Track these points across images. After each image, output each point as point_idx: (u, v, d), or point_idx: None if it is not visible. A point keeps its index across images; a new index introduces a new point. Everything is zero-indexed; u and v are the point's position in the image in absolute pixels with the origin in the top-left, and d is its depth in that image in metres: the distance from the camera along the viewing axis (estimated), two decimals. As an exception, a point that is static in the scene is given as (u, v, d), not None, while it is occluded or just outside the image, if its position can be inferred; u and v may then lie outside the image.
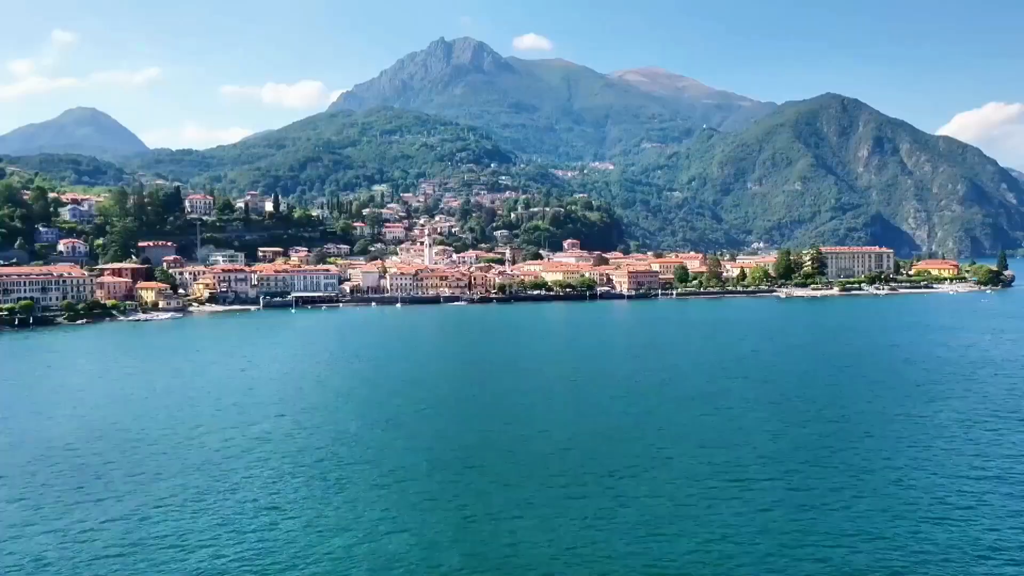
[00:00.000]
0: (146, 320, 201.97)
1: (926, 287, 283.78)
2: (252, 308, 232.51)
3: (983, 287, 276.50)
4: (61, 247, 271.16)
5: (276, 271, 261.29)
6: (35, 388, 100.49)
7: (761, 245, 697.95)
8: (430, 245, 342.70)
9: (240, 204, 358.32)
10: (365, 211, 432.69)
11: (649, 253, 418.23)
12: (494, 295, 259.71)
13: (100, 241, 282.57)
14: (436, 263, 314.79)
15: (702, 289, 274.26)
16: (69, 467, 61.66)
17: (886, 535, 45.19)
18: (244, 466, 61.53)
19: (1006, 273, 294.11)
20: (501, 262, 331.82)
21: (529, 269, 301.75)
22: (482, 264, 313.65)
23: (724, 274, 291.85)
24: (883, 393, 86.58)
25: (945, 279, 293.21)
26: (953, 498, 51.02)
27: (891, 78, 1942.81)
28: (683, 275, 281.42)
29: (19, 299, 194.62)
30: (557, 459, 61.87)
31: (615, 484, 55.32)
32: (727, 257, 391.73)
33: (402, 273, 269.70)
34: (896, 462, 59.37)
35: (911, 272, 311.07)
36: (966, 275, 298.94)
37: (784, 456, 61.65)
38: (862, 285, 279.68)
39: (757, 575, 40.84)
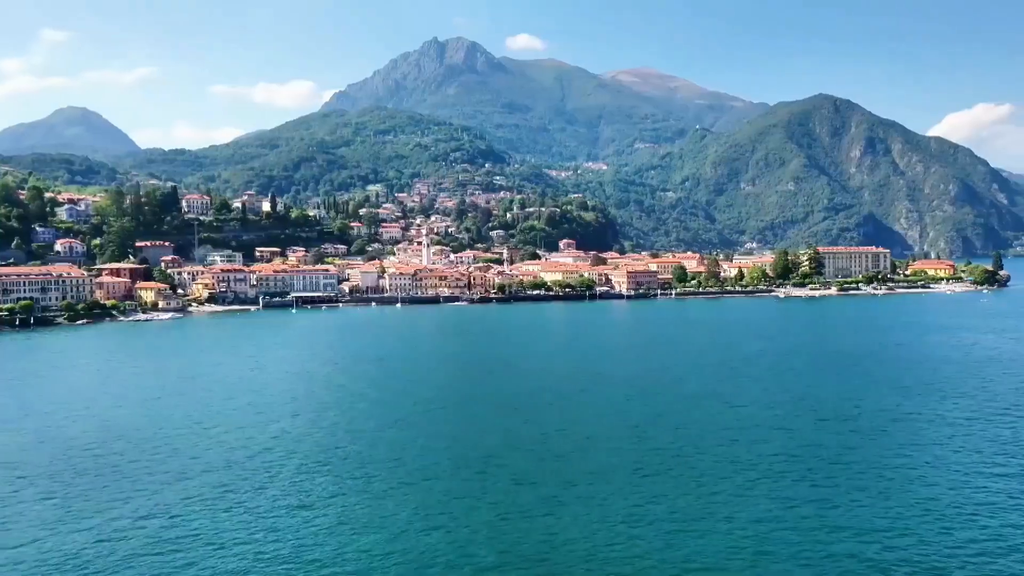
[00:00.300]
0: (146, 320, 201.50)
1: (923, 287, 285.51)
2: (252, 308, 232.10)
3: (979, 287, 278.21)
4: (58, 247, 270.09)
5: (275, 271, 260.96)
6: (45, 389, 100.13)
7: (754, 245, 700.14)
8: (428, 245, 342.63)
9: (237, 204, 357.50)
10: (362, 211, 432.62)
11: (644, 253, 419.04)
12: (494, 295, 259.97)
13: (97, 241, 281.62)
14: (434, 263, 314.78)
15: (701, 289, 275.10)
16: (93, 467, 61.63)
17: (917, 531, 45.65)
18: (268, 465, 61.67)
19: (1001, 273, 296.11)
20: (499, 262, 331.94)
21: (527, 269, 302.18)
22: (481, 264, 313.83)
23: (722, 274, 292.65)
24: (894, 391, 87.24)
25: (942, 279, 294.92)
26: (979, 495, 51.50)
27: (882, 78, 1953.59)
28: (682, 275, 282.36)
29: (19, 299, 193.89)
30: (580, 458, 62.19)
31: (641, 482, 55.68)
32: (722, 257, 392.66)
33: (401, 273, 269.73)
34: (918, 459, 59.93)
35: (907, 272, 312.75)
36: (962, 275, 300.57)
37: (805, 453, 62.11)
38: (859, 285, 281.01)
39: (794, 570, 41.15)
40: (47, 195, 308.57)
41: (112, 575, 41.63)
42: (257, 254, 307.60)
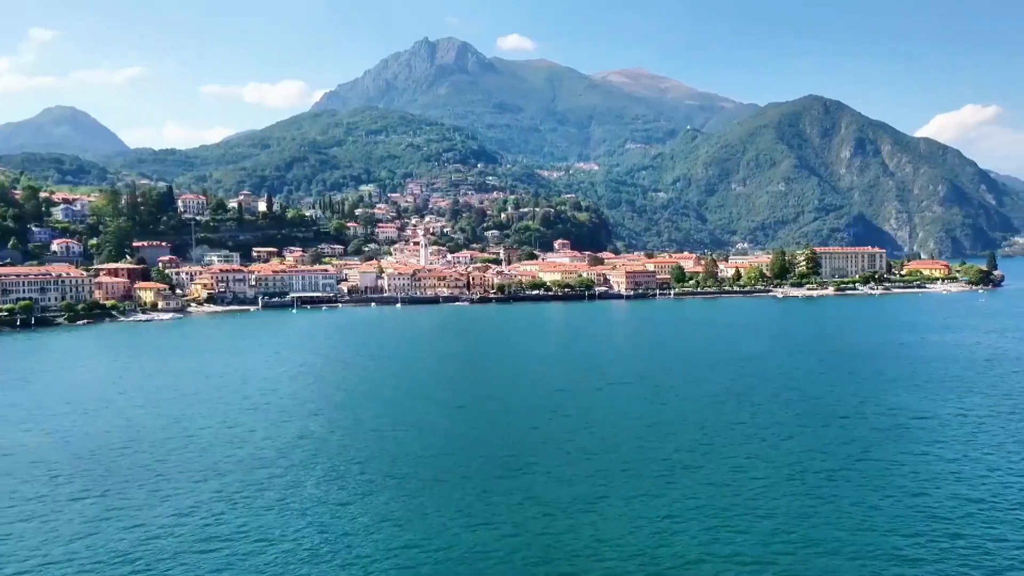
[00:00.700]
0: (147, 321, 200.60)
1: (918, 287, 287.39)
2: (251, 309, 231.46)
3: (974, 287, 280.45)
4: (55, 247, 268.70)
5: (274, 271, 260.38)
6: (59, 389, 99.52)
7: (746, 245, 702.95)
8: (426, 245, 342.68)
9: (233, 204, 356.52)
10: (358, 211, 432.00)
11: (639, 253, 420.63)
12: (493, 295, 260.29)
13: (94, 241, 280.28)
14: (431, 263, 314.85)
15: (699, 289, 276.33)
16: (124, 465, 61.63)
17: (959, 526, 46.18)
18: (298, 462, 61.88)
19: (996, 273, 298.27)
20: (497, 262, 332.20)
21: (525, 269, 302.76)
22: (479, 264, 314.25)
23: (719, 274, 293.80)
24: (909, 390, 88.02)
25: (937, 279, 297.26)
26: (1011, 491, 52.06)
27: (871, 79, 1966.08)
28: (680, 275, 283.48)
29: (18, 299, 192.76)
30: (610, 456, 62.44)
31: (675, 479, 56.08)
32: (718, 256, 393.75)
33: (400, 273, 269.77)
34: (946, 456, 60.59)
35: (903, 272, 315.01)
36: (957, 275, 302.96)
37: (833, 451, 62.68)
38: (856, 285, 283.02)
39: (842, 564, 41.53)
40: (42, 195, 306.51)
41: (168, 571, 41.70)
42: (254, 254, 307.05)
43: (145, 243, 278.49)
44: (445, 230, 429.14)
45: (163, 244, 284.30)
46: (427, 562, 42.52)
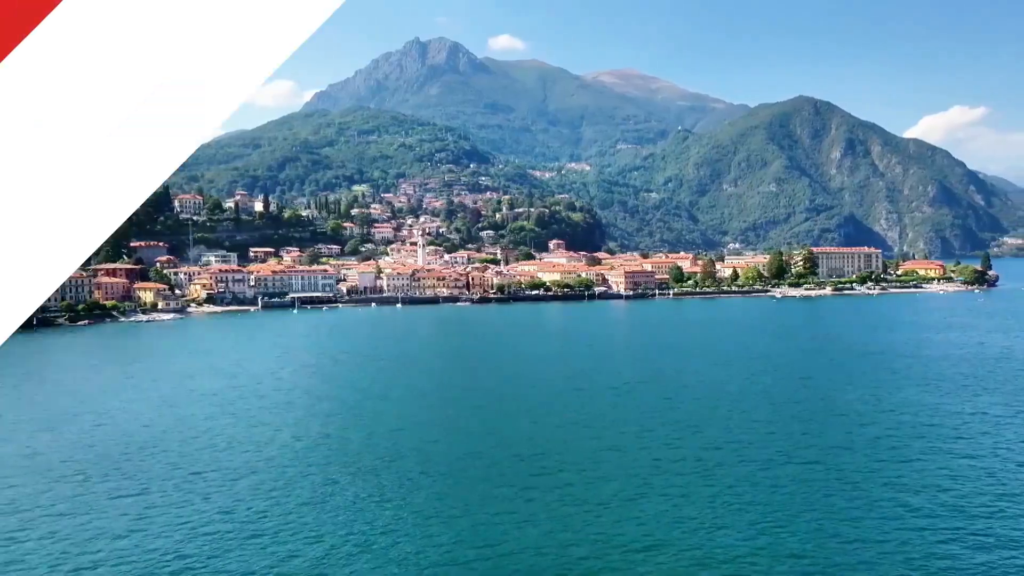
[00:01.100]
0: (147, 321, 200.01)
1: (915, 287, 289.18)
2: (251, 309, 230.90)
3: (970, 287, 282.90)
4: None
5: (274, 271, 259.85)
6: (73, 390, 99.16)
7: (737, 246, 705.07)
8: (423, 245, 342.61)
9: (230, 204, 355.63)
10: (354, 211, 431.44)
11: (635, 254, 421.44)
12: (493, 295, 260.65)
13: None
14: (428, 264, 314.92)
15: (698, 289, 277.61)
16: (156, 464, 61.52)
17: (997, 520, 46.73)
18: (331, 460, 62.03)
19: (990, 273, 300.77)
20: (494, 262, 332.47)
21: (523, 269, 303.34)
22: (478, 264, 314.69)
23: (718, 274, 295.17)
24: (925, 388, 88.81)
25: (933, 279, 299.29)
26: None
27: (860, 80, 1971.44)
28: (679, 275, 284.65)
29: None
30: (642, 455, 62.74)
31: (709, 475, 56.43)
32: (715, 256, 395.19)
33: (398, 273, 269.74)
34: (971, 451, 61.28)
35: (899, 272, 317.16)
36: (952, 275, 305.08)
37: (861, 447, 63.22)
38: (853, 285, 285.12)
39: (890, 559, 41.94)
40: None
41: (225, 567, 41.80)
42: (251, 254, 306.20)
43: (142, 243, 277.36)
44: (441, 230, 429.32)
45: (160, 244, 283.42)
46: (480, 558, 42.72)
